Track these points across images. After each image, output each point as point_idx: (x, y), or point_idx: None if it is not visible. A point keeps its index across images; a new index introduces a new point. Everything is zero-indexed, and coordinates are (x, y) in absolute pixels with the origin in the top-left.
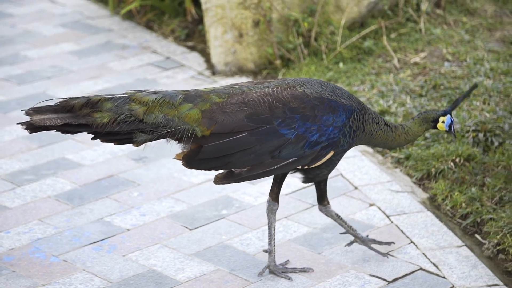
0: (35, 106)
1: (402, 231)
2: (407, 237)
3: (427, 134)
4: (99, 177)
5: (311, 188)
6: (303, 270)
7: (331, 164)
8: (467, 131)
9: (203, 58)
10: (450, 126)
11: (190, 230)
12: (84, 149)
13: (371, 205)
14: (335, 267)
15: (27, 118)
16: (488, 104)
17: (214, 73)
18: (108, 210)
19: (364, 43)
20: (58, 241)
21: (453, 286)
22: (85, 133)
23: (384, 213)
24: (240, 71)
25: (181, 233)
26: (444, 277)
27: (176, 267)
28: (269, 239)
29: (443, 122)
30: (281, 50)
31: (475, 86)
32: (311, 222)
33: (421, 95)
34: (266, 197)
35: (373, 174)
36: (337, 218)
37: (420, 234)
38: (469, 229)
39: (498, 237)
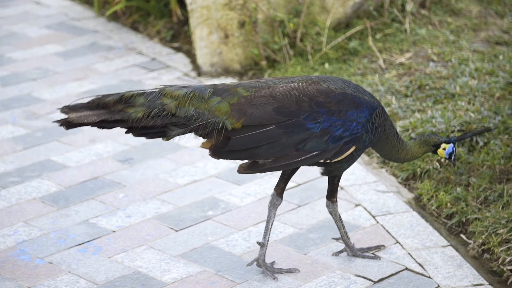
0: (69, 104)
1: (387, 231)
2: (393, 237)
3: (412, 134)
4: (85, 179)
5: (297, 188)
6: (289, 271)
7: (352, 159)
8: (452, 131)
9: (188, 59)
10: (450, 155)
11: (176, 231)
12: (70, 150)
13: (357, 205)
14: (321, 268)
15: (63, 116)
16: (473, 104)
17: (200, 74)
18: (94, 211)
19: (349, 44)
20: (43, 243)
21: (439, 286)
22: (70, 135)
23: (370, 214)
24: (226, 72)
25: (167, 234)
26: (429, 277)
27: (162, 268)
28: (264, 232)
29: (444, 149)
30: (266, 51)
31: (489, 129)
32: (297, 222)
33: (406, 96)
34: (252, 198)
35: (359, 175)
36: (338, 219)
37: (406, 234)
38: (454, 229)
39: (483, 236)
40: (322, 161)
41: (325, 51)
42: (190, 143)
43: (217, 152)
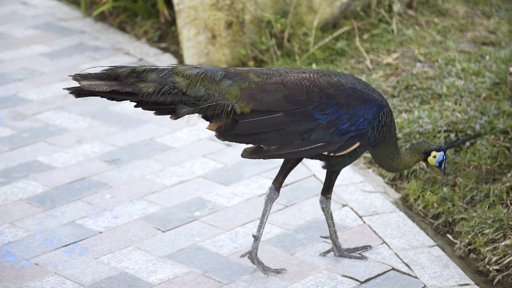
0: (81, 72)
1: (374, 231)
2: (380, 237)
3: (399, 134)
4: (71, 180)
5: (284, 189)
6: (276, 271)
7: (355, 155)
8: (439, 132)
9: (176, 59)
10: (440, 163)
11: (163, 232)
12: (56, 151)
13: (343, 205)
14: (308, 268)
15: (75, 84)
16: (460, 104)
17: None
18: (80, 212)
19: (336, 44)
20: (30, 245)
21: (425, 286)
22: (58, 136)
23: (357, 214)
24: None
25: (153, 235)
26: (416, 277)
27: (148, 269)
28: (259, 226)
29: (434, 157)
30: (254, 51)
31: (479, 135)
32: (284, 223)
33: (393, 96)
34: (239, 198)
35: (346, 175)
36: (330, 217)
37: (393, 234)
38: (441, 229)
39: (469, 236)
40: (325, 153)
41: (312, 52)
42: (177, 143)
43: (224, 134)
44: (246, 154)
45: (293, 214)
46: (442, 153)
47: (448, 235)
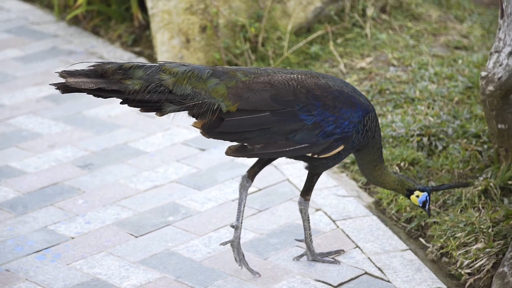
0: (68, 69)
1: (347, 235)
2: (353, 241)
3: None
4: (43, 185)
5: (258, 193)
6: (252, 272)
7: (338, 157)
8: (412, 136)
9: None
10: (424, 204)
11: (136, 237)
12: (28, 156)
13: (317, 210)
14: (281, 273)
15: (60, 80)
16: (432, 108)
17: None
18: (52, 218)
19: (311, 48)
20: (1, 251)
21: None
22: (30, 141)
23: (330, 218)
24: None
25: (126, 240)
26: (388, 281)
27: (121, 275)
28: (237, 214)
29: (417, 196)
30: (228, 56)
31: (466, 184)
32: (258, 228)
33: None
34: (212, 203)
35: (319, 179)
36: (307, 219)
37: (366, 238)
38: (414, 232)
39: (441, 240)
40: (309, 155)
41: (286, 56)
42: (151, 148)
43: (209, 131)
44: (230, 152)
45: (266, 219)
46: (425, 194)
47: (421, 239)
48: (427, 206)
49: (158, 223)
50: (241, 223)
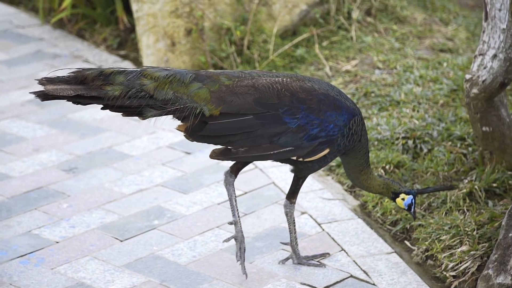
0: (47, 76)
1: (333, 238)
2: (338, 244)
3: None
4: (28, 189)
5: (244, 197)
6: (242, 271)
7: (324, 161)
8: (397, 138)
9: (135, 66)
10: (409, 207)
11: (121, 241)
12: (13, 160)
13: (302, 213)
14: (266, 276)
15: (40, 88)
16: (418, 111)
17: None
18: (37, 222)
19: (296, 51)
20: None
21: None
22: (15, 144)
23: (316, 221)
24: None
25: (111, 244)
26: (374, 284)
27: (106, 279)
28: (232, 211)
29: (403, 199)
30: (214, 59)
31: (451, 187)
32: (243, 231)
33: None
34: (198, 206)
35: (305, 182)
36: (292, 222)
37: (351, 241)
38: (399, 235)
39: (426, 243)
40: (294, 158)
41: (272, 59)
42: (136, 151)
43: (193, 135)
44: (214, 155)
45: (252, 222)
46: (411, 197)
47: (406, 242)
48: (412, 209)
49: (143, 226)
50: (239, 216)
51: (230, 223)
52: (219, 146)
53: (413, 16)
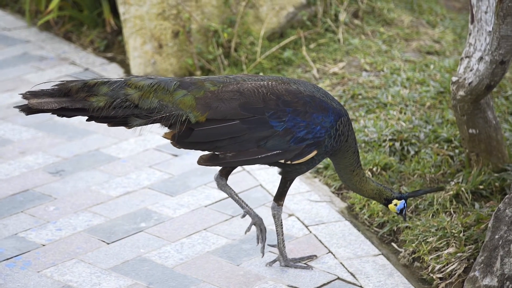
0: (31, 90)
1: (320, 241)
2: (325, 246)
3: None
4: (14, 192)
5: (231, 199)
6: (261, 251)
7: (312, 163)
8: (384, 141)
9: (122, 69)
10: (401, 211)
11: (108, 244)
12: None
13: (290, 215)
14: (253, 279)
15: (24, 101)
16: (405, 113)
17: None
18: (23, 225)
19: (283, 54)
20: None
21: None
22: (1, 147)
23: (303, 223)
24: None
25: (98, 247)
26: (361, 286)
27: (92, 282)
28: (239, 205)
29: (395, 205)
30: (201, 61)
31: (441, 189)
32: (230, 233)
33: None
34: (185, 209)
35: (292, 184)
36: (279, 224)
37: (338, 243)
38: (386, 237)
39: (413, 245)
40: (282, 161)
41: (259, 61)
42: (123, 154)
43: (179, 141)
44: (202, 161)
45: (239, 224)
46: (403, 201)
47: (393, 244)
48: (404, 212)
49: (130, 229)
50: (247, 205)
51: (243, 216)
52: (206, 152)
53: (400, 18)
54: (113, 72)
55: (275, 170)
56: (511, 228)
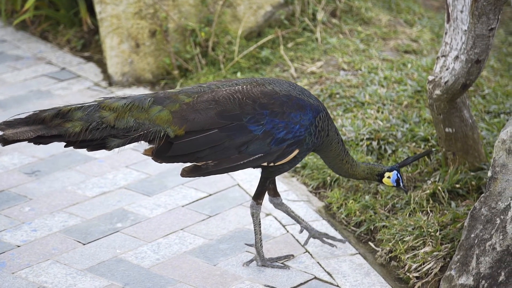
0: (6, 120)
1: (297, 240)
2: (302, 246)
3: None
4: None
5: (208, 199)
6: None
7: (294, 161)
8: (361, 140)
9: (99, 68)
10: (397, 182)
11: (84, 244)
12: None
13: (267, 215)
14: (230, 279)
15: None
16: (382, 112)
17: (111, 83)
18: None
19: (261, 53)
20: None
21: None
22: None
23: (280, 223)
24: (138, 81)
25: (74, 248)
26: (337, 286)
27: (68, 283)
28: (296, 221)
29: (388, 177)
30: (178, 60)
31: (429, 151)
32: (207, 233)
33: None
34: (162, 209)
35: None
36: (258, 223)
37: (315, 243)
38: (363, 236)
39: (390, 244)
40: (265, 164)
41: (237, 60)
42: (100, 154)
43: (160, 156)
44: (185, 173)
45: (216, 224)
46: (395, 172)
47: (370, 243)
48: (401, 184)
49: (106, 229)
50: (304, 220)
51: (300, 231)
52: (188, 164)
53: (378, 17)
54: (90, 71)
55: (254, 169)
56: (486, 227)
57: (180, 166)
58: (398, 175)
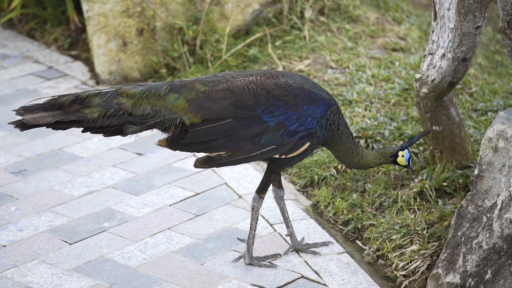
0: (25, 105)
1: (285, 239)
2: (290, 245)
3: None
4: None
5: (195, 198)
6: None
7: (304, 153)
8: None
9: (87, 67)
10: (408, 161)
11: (70, 244)
12: None
13: None
14: (217, 278)
15: (18, 117)
16: (370, 110)
17: (98, 82)
18: None
19: (249, 51)
20: None
21: None
22: None
23: (268, 222)
24: (125, 80)
25: (60, 247)
26: (325, 285)
27: (54, 283)
28: (285, 223)
29: (402, 156)
30: (166, 59)
31: (429, 131)
32: (194, 232)
33: None
34: (149, 208)
35: (257, 183)
36: (255, 219)
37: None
38: (351, 235)
39: (377, 242)
40: (277, 156)
41: (225, 59)
42: (87, 153)
43: (174, 144)
44: (198, 164)
45: (203, 223)
46: (406, 150)
47: (357, 242)
48: (410, 163)
49: (93, 229)
50: (292, 227)
51: (287, 235)
52: (202, 154)
53: (366, 15)
54: (78, 70)
55: (240, 168)
56: (473, 225)
57: (167, 165)
58: (409, 153)
